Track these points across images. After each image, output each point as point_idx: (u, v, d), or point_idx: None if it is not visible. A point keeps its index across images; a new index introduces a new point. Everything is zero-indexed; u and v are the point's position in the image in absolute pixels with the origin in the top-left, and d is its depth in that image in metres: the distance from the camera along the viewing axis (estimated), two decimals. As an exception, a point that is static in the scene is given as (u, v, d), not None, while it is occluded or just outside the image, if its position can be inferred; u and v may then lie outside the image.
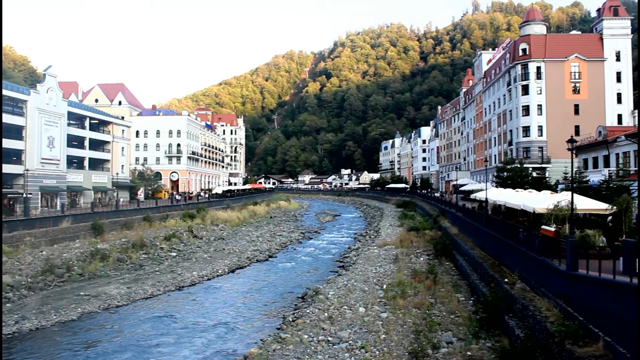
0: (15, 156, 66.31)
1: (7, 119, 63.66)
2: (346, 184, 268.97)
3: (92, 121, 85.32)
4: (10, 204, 64.12)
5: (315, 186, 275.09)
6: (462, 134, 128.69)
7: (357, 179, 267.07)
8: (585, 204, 27.78)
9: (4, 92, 63.47)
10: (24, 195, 62.74)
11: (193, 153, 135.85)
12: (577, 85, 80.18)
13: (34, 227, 52.67)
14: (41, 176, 67.96)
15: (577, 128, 74.49)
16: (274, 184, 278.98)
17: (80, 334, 30.31)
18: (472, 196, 59.15)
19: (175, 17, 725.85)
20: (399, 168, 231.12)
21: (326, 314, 30.85)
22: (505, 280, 26.84)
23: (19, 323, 31.27)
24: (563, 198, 27.69)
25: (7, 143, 64.04)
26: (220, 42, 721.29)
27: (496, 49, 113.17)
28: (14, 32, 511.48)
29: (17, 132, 65.66)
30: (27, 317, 32.55)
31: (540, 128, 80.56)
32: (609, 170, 49.74)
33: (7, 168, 64.45)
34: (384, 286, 37.11)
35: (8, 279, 39.41)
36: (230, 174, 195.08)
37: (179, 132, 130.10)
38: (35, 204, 65.27)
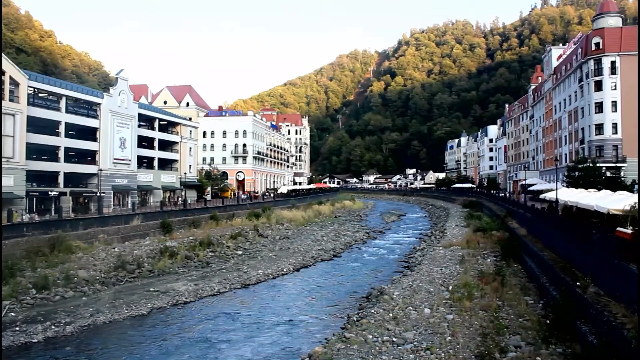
0: (90, 157, 69.03)
1: (83, 121, 66.50)
2: (411, 183, 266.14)
3: (161, 122, 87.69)
4: (85, 203, 66.85)
5: (380, 186, 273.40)
6: (530, 132, 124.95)
7: (422, 179, 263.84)
8: (665, 204, 26.34)
9: (81, 95, 66.35)
10: (98, 194, 65.19)
11: (259, 153, 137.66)
12: (656, 79, 76.25)
13: (107, 225, 54.70)
14: (114, 176, 70.43)
15: (655, 125, 70.85)
16: (338, 183, 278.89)
17: (151, 328, 31.23)
18: (542, 196, 57.35)
19: (240, 20, 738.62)
20: (465, 168, 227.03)
21: (391, 315, 30.55)
22: (577, 283, 25.76)
23: (93, 316, 32.53)
24: (641, 198, 26.38)
25: (83, 144, 66.94)
26: (285, 43, 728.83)
27: (567, 44, 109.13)
28: (89, 38, 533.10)
29: (91, 134, 68.34)
30: (101, 310, 33.84)
31: (614, 125, 77.11)
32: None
33: (83, 168, 67.37)
34: (450, 287, 36.43)
35: (84, 273, 41.12)
36: (295, 174, 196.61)
37: (244, 133, 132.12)
38: (108, 203, 67.66)
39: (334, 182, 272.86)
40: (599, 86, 78.44)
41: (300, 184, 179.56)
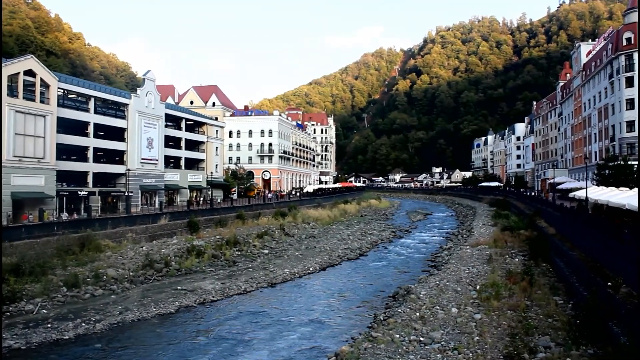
0: (118, 157, 69.92)
1: (111, 121, 67.38)
2: (437, 182, 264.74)
3: (187, 122, 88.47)
4: (113, 202, 67.77)
5: (406, 185, 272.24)
6: (559, 130, 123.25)
7: (449, 177, 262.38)
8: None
9: (109, 96, 67.21)
10: (126, 194, 65.98)
11: (284, 152, 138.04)
12: (689, 75, 74.36)
13: (135, 224, 55.37)
14: (141, 175, 71.20)
15: (688, 122, 69.09)
16: (364, 182, 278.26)
17: (178, 327, 31.48)
18: (571, 195, 56.48)
19: (264, 20, 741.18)
20: (491, 166, 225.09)
21: (418, 314, 30.32)
22: (609, 283, 25.27)
23: (122, 314, 32.93)
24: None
25: (111, 144, 67.83)
26: (310, 42, 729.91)
27: (596, 39, 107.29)
28: (115, 39, 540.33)
29: (119, 134, 69.18)
30: (130, 308, 34.24)
31: (646, 122, 75.61)
32: None
33: (111, 168, 68.28)
34: (478, 287, 36.00)
35: (112, 272, 41.69)
36: (321, 173, 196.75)
37: (270, 132, 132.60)
38: (136, 202, 68.49)
39: (359, 181, 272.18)
40: (630, 82, 76.90)
41: (326, 183, 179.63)
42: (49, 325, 30.17)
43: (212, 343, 28.73)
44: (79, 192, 60.75)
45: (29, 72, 52.94)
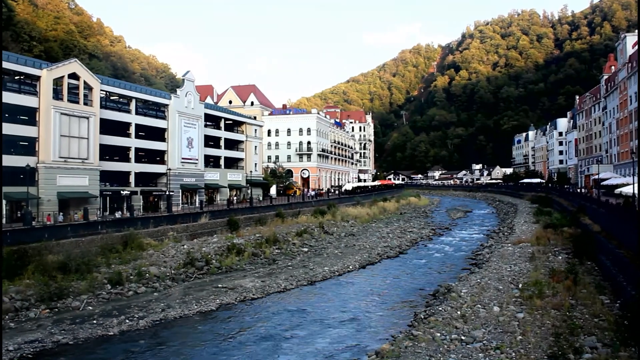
0: (159, 156, 71.05)
1: (152, 122, 68.61)
2: (477, 179, 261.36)
3: (226, 122, 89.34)
4: (155, 201, 68.94)
5: (446, 182, 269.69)
6: (603, 124, 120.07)
7: (489, 174, 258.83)
8: None
9: (150, 97, 68.33)
10: (167, 193, 67.03)
11: (323, 150, 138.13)
12: None
13: (176, 223, 56.24)
14: (182, 175, 72.22)
15: None
16: (403, 179, 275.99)
17: (219, 324, 31.81)
18: (617, 191, 55.03)
19: (302, 19, 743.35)
20: (533, 162, 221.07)
21: (459, 312, 29.97)
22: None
23: (165, 311, 33.45)
24: None
25: (152, 144, 69.05)
26: (347, 41, 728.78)
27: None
28: (154, 41, 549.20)
29: (160, 135, 70.30)
30: (172, 305, 34.75)
31: (696, 115, 73.10)
32: None
33: (152, 168, 69.49)
34: (520, 285, 35.39)
35: (155, 270, 42.42)
36: (360, 171, 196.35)
37: (309, 130, 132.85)
38: (177, 201, 69.53)
39: (398, 179, 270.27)
40: (679, 74, 74.41)
41: (364, 180, 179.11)
42: (95, 322, 30.87)
43: (252, 341, 28.93)
44: (122, 192, 62.02)
45: (73, 75, 54.30)
